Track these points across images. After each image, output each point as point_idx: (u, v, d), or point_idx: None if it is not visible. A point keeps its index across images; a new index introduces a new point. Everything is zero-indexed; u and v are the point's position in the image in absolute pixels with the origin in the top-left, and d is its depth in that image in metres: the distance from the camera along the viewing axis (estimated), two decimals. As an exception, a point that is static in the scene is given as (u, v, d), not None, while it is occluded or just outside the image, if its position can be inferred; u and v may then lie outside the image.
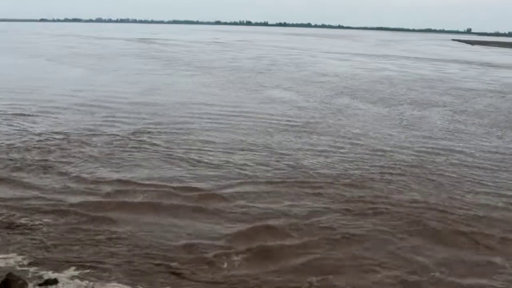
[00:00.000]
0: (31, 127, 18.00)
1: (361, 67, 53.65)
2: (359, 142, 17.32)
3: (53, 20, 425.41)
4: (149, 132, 17.48)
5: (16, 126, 18.15)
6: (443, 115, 23.52)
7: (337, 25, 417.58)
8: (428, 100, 28.43)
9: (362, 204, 11.50)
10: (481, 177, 13.98)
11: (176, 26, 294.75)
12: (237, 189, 12.09)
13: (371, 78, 40.37)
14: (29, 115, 20.26)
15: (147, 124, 18.97)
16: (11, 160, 13.83)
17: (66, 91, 27.38)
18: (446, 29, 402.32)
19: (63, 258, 8.59)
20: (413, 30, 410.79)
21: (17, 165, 13.42)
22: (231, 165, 13.88)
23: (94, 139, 16.45)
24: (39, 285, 7.77)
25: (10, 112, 20.82)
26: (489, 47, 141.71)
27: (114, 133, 17.40)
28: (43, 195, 11.29)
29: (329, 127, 19.63)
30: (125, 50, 67.57)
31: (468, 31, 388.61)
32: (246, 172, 13.24)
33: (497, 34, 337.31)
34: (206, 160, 14.23)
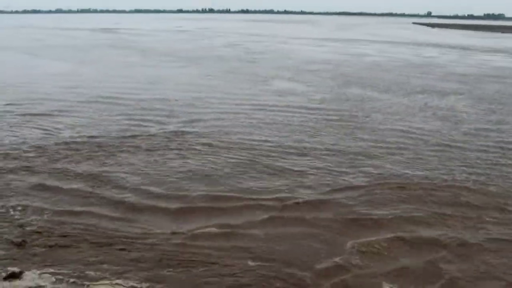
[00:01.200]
0: (55, 129, 16.48)
1: (342, 52, 53.26)
2: (418, 136, 16.37)
3: (12, 12, 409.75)
4: (188, 133, 16.06)
5: (38, 128, 16.58)
6: (467, 104, 22.91)
7: (300, 10, 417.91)
8: (435, 87, 27.94)
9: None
10: None
11: (138, 16, 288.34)
12: (338, 195, 11.00)
13: (361, 65, 39.86)
14: (43, 115, 18.65)
15: (178, 123, 17.53)
16: (55, 169, 12.35)
17: (62, 87, 25.63)
18: (406, 13, 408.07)
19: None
20: (375, 14, 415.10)
21: (68, 178, 11.94)
22: (315, 170, 12.59)
23: (135, 141, 15.06)
24: (4, 279, 7.25)
25: (20, 112, 19.15)
26: (449, 29, 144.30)
27: (152, 133, 16.02)
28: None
29: (371, 120, 18.69)
30: (96, 41, 65.27)
31: (429, 14, 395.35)
32: (336, 179, 11.95)
33: (456, 17, 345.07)
34: (286, 166, 12.80)
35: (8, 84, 26.37)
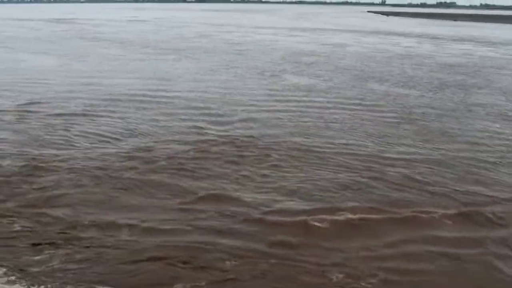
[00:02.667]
0: (106, 132, 15.19)
1: (320, 42, 53.04)
2: (491, 135, 15.95)
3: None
4: (248, 138, 15.05)
5: (87, 132, 15.27)
6: (504, 99, 22.65)
7: (257, 0, 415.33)
8: (449, 81, 27.70)
9: None
10: None
11: (90, 5, 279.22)
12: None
13: (352, 57, 39.55)
14: (83, 115, 17.42)
15: (237, 126, 16.47)
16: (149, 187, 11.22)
17: (79, 84, 24.22)
18: (362, 1, 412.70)
19: None
20: (330, 3, 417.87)
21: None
22: (416, 181, 11.80)
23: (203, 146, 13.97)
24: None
25: (52, 112, 17.69)
26: (402, 17, 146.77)
27: (209, 138, 14.90)
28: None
29: (419, 118, 18.22)
30: (60, 32, 62.40)
31: (383, 3, 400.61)
32: (433, 188, 11.35)
33: (410, 5, 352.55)
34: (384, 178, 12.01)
35: (12, 82, 24.49)
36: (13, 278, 7.45)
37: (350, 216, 9.66)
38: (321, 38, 59.82)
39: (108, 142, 14.37)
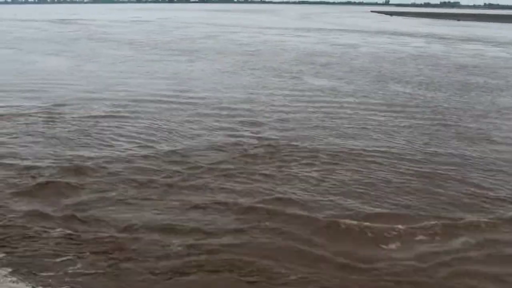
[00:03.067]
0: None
1: (329, 43, 52.81)
2: None
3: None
4: (288, 140, 14.80)
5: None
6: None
7: (260, 0, 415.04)
8: (470, 82, 27.37)
9: None
10: None
11: (93, 6, 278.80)
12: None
13: (364, 58, 39.30)
14: (113, 117, 17.20)
15: (272, 131, 16.15)
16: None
17: (93, 85, 24.05)
18: (364, 1, 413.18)
19: None
20: (333, 3, 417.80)
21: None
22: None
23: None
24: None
25: (80, 115, 17.47)
26: (406, 17, 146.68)
27: (248, 141, 14.58)
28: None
29: (455, 122, 17.92)
30: (67, 33, 62.13)
31: (387, 3, 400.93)
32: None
33: (413, 5, 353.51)
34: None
35: (30, 83, 24.28)
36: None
37: (426, 222, 9.50)
38: (329, 38, 59.61)
39: (146, 146, 14.09)
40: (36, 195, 10.43)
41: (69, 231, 8.88)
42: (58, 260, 7.94)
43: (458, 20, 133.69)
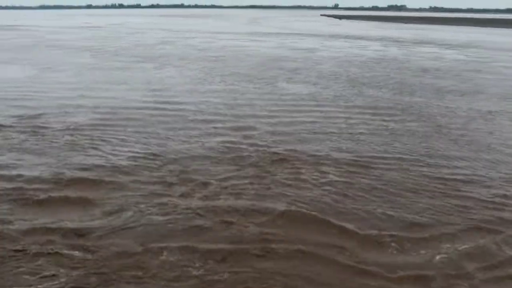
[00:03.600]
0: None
1: (288, 47, 52.66)
2: None
3: None
4: (290, 151, 14.41)
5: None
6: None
7: (210, 4, 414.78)
8: (442, 86, 27.53)
9: None
10: None
11: (41, 12, 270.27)
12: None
13: (329, 63, 39.36)
14: (98, 129, 16.05)
15: (262, 140, 15.69)
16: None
17: (65, 96, 22.74)
18: (315, 5, 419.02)
19: None
20: (284, 7, 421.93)
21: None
22: None
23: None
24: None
25: (64, 127, 16.40)
26: (355, 20, 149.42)
27: (248, 154, 14.11)
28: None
29: (448, 127, 17.93)
30: (15, 41, 59.77)
31: (336, 6, 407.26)
32: None
33: (362, 8, 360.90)
34: None
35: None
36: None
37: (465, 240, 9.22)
38: (287, 43, 59.70)
39: (144, 158, 13.46)
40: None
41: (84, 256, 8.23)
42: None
43: (406, 23, 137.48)
